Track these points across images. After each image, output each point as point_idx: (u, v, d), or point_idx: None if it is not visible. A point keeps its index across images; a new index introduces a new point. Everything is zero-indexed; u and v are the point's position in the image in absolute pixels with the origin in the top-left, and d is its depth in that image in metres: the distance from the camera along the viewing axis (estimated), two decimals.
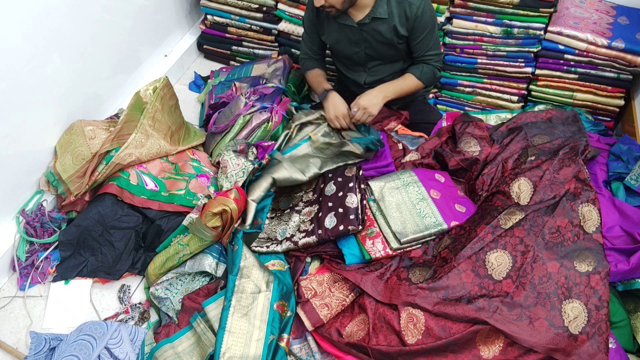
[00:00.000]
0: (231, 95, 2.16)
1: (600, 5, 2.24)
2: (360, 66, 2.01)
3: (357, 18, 1.82)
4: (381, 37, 1.85)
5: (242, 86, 2.19)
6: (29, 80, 1.69)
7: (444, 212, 1.70)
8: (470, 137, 1.89)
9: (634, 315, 1.51)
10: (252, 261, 1.61)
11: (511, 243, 1.53)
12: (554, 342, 1.36)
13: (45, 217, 1.83)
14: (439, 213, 1.69)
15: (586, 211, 1.58)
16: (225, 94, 2.18)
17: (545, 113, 1.99)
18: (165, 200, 1.82)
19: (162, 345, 1.54)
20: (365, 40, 1.88)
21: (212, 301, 1.56)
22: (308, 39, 2.03)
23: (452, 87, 2.34)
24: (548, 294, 1.43)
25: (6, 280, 1.81)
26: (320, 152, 1.88)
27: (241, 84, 2.21)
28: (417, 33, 1.83)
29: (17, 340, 1.67)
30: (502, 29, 2.10)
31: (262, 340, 1.46)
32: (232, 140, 2.02)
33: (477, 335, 1.42)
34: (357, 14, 1.81)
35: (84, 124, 1.90)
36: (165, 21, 2.46)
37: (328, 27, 1.92)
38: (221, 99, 2.17)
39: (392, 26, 1.81)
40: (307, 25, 1.98)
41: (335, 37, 1.92)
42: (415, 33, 1.83)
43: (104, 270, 1.78)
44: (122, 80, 2.24)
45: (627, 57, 2.03)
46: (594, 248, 1.51)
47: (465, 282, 1.48)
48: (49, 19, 1.71)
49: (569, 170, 1.67)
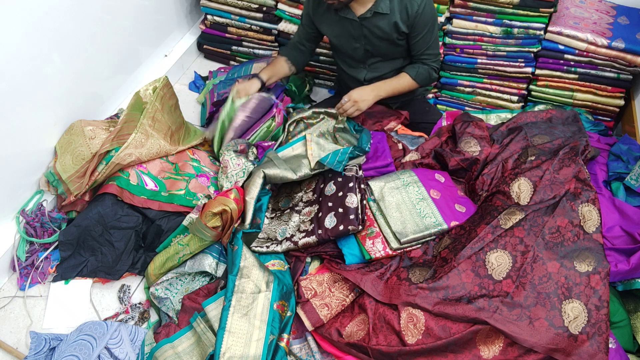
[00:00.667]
0: None
1: (600, 5, 2.24)
2: (360, 63, 2.01)
3: (358, 12, 1.82)
4: (381, 33, 1.85)
5: None
6: (29, 80, 1.69)
7: (444, 212, 1.70)
8: (470, 137, 1.89)
9: (634, 315, 1.51)
10: (252, 261, 1.61)
11: (511, 243, 1.53)
12: (554, 342, 1.36)
13: (45, 217, 1.83)
14: (438, 213, 1.69)
15: (586, 211, 1.58)
16: (228, 90, 2.18)
17: (545, 113, 1.99)
18: (165, 200, 1.82)
19: (162, 345, 1.54)
20: (365, 36, 1.88)
21: (212, 301, 1.56)
22: (300, 27, 2.04)
23: (452, 87, 2.34)
24: (548, 294, 1.43)
25: (6, 280, 1.81)
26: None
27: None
28: (416, 31, 1.83)
29: (17, 340, 1.67)
30: (502, 29, 2.10)
31: (262, 340, 1.46)
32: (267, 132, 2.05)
33: (477, 335, 1.42)
34: (359, 8, 1.81)
35: (84, 124, 1.90)
36: (165, 21, 2.46)
37: (328, 20, 1.91)
38: (224, 94, 2.17)
39: (392, 22, 1.81)
40: (305, 15, 1.98)
41: (335, 30, 1.92)
42: (415, 31, 1.83)
43: (104, 270, 1.78)
44: (122, 80, 2.24)
45: (627, 57, 2.03)
46: (594, 248, 1.51)
47: (465, 282, 1.48)
48: (49, 19, 1.70)
49: (568, 170, 1.67)
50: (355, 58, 2.00)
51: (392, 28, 1.83)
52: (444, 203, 1.73)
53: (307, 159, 1.83)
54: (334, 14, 1.87)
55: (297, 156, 1.87)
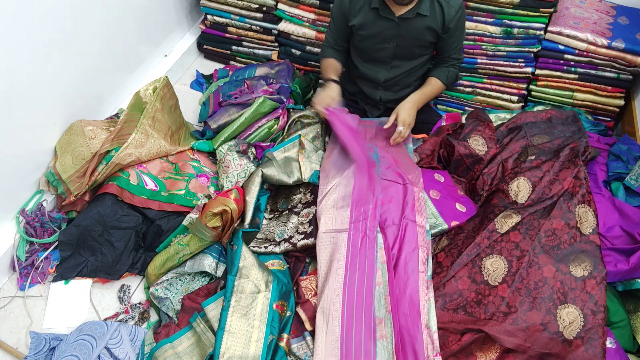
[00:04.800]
0: (243, 91, 2.15)
1: (600, 5, 2.24)
2: (382, 64, 1.96)
3: (398, 12, 1.78)
4: (416, 34, 1.82)
5: (253, 83, 2.18)
6: (29, 80, 1.69)
7: (444, 212, 1.70)
8: (479, 135, 1.89)
9: (634, 315, 1.51)
10: (252, 261, 1.61)
11: (507, 248, 1.53)
12: (548, 347, 1.37)
13: (45, 217, 1.83)
14: (438, 213, 1.69)
15: (582, 212, 1.58)
16: (237, 91, 2.17)
17: (545, 113, 1.99)
18: (165, 200, 1.82)
19: (162, 345, 1.54)
20: (400, 36, 1.84)
21: (212, 301, 1.56)
22: (334, 28, 1.95)
23: (452, 87, 2.34)
24: (543, 299, 1.43)
25: (6, 280, 1.81)
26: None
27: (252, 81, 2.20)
28: (449, 34, 1.83)
29: (17, 340, 1.67)
30: (502, 29, 2.10)
31: (261, 340, 1.46)
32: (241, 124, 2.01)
33: (473, 343, 1.43)
34: (399, 8, 1.77)
35: (84, 124, 1.90)
36: (165, 21, 2.46)
37: (364, 18, 1.85)
38: (232, 96, 2.16)
39: (429, 25, 1.79)
40: (337, 12, 1.90)
41: (369, 30, 1.87)
42: (448, 33, 1.82)
43: (104, 270, 1.78)
44: (122, 80, 2.24)
45: (627, 57, 2.03)
46: (591, 251, 1.51)
47: (462, 290, 1.49)
48: (49, 19, 1.70)
49: (568, 172, 1.67)
50: (379, 59, 1.95)
51: (428, 30, 1.81)
52: (444, 203, 1.73)
53: (298, 163, 1.83)
54: (370, 12, 1.82)
55: (288, 159, 1.86)
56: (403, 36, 1.84)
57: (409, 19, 1.79)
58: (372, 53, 1.93)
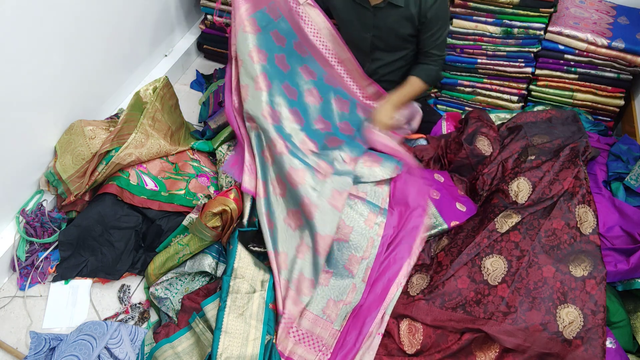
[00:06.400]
0: None
1: (600, 5, 2.24)
2: (364, 55, 1.97)
3: (373, 1, 1.79)
4: (393, 25, 1.82)
5: None
6: (29, 80, 1.69)
7: (444, 212, 1.70)
8: (484, 137, 1.88)
9: (634, 315, 1.51)
10: (247, 261, 1.61)
11: (507, 248, 1.53)
12: (548, 347, 1.37)
13: (45, 217, 1.83)
14: (438, 214, 1.69)
15: (582, 212, 1.58)
16: None
17: (544, 113, 1.99)
18: (165, 200, 1.82)
19: (162, 345, 1.54)
20: (376, 27, 1.84)
21: (211, 301, 1.56)
22: None
23: (452, 87, 2.34)
24: (543, 299, 1.43)
25: (6, 280, 1.81)
26: None
27: None
28: (428, 26, 1.81)
29: (17, 340, 1.67)
30: (502, 29, 2.10)
31: (258, 340, 1.46)
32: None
33: (473, 342, 1.43)
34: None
35: (84, 124, 1.90)
36: (165, 21, 2.46)
37: (342, 5, 1.87)
38: None
39: (405, 15, 1.78)
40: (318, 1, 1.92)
41: (345, 17, 1.88)
42: (426, 26, 1.81)
43: (104, 270, 1.78)
44: (122, 80, 2.24)
45: (627, 57, 2.03)
46: (591, 251, 1.51)
47: (461, 289, 1.49)
48: (49, 19, 1.70)
49: (568, 172, 1.67)
50: (360, 49, 1.96)
51: (405, 21, 1.80)
52: (444, 203, 1.73)
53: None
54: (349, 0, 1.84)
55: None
56: (379, 27, 1.84)
57: (383, 9, 1.79)
58: (352, 42, 1.94)
